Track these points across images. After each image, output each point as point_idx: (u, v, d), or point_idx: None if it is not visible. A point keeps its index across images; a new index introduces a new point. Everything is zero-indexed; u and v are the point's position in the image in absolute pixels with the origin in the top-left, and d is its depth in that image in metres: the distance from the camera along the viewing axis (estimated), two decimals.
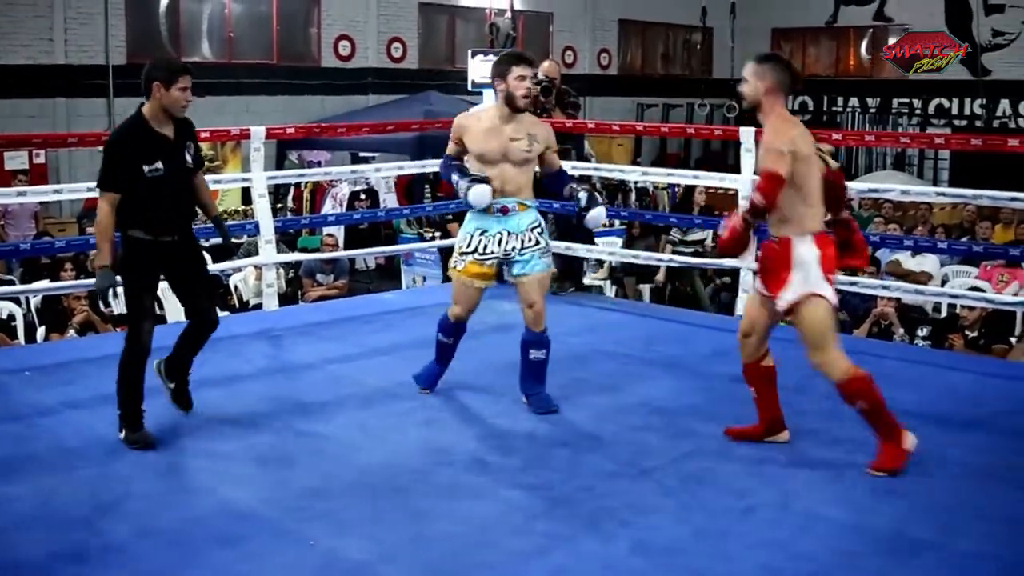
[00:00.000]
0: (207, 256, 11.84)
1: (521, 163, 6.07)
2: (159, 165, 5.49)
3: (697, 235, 11.84)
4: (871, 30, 25.48)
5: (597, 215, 6.15)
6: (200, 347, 5.86)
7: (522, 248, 6.06)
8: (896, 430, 5.29)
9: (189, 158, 5.69)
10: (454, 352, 6.39)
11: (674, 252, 11.14)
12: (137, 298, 5.60)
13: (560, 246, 9.68)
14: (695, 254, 10.77)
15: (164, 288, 5.90)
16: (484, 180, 5.97)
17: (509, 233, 6.06)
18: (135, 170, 5.46)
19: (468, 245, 6.11)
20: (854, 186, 9.92)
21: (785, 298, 5.25)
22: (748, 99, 5.37)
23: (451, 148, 6.26)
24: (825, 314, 5.27)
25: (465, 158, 6.24)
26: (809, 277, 5.22)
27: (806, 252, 5.21)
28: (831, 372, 5.29)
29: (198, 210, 5.97)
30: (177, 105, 5.53)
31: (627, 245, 12.68)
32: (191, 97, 5.59)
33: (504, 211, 6.05)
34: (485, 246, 6.06)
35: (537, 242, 6.10)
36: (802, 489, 5.08)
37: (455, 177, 6.08)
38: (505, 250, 6.05)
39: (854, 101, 25.30)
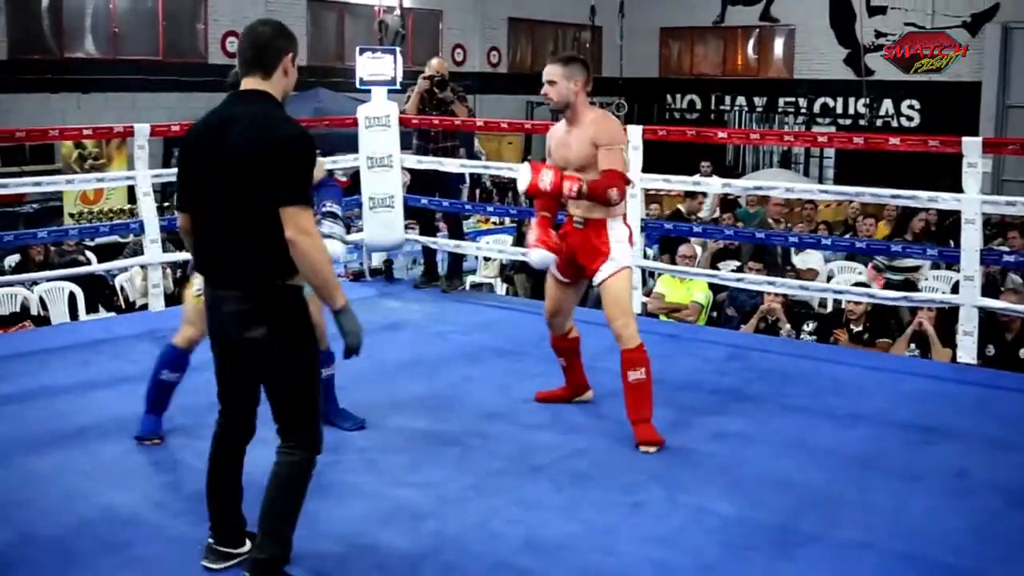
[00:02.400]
0: (92, 256, 11.76)
1: None
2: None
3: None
4: (757, 30, 25.79)
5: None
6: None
7: None
8: (651, 410, 5.65)
9: None
10: (173, 391, 5.61)
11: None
12: (316, 383, 4.10)
13: (449, 244, 9.70)
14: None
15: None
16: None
17: None
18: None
19: None
20: (740, 183, 10.06)
21: (606, 271, 5.70)
22: (559, 100, 5.73)
23: None
24: (630, 284, 5.83)
25: None
26: (625, 252, 5.76)
27: (621, 232, 5.78)
28: (632, 336, 5.67)
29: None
30: (292, 87, 4.10)
31: (517, 243, 12.69)
32: None
33: None
34: None
35: None
36: (691, 484, 5.12)
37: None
38: None
39: (741, 100, 25.59)
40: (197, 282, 5.50)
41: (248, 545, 4.20)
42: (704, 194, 15.03)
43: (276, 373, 3.98)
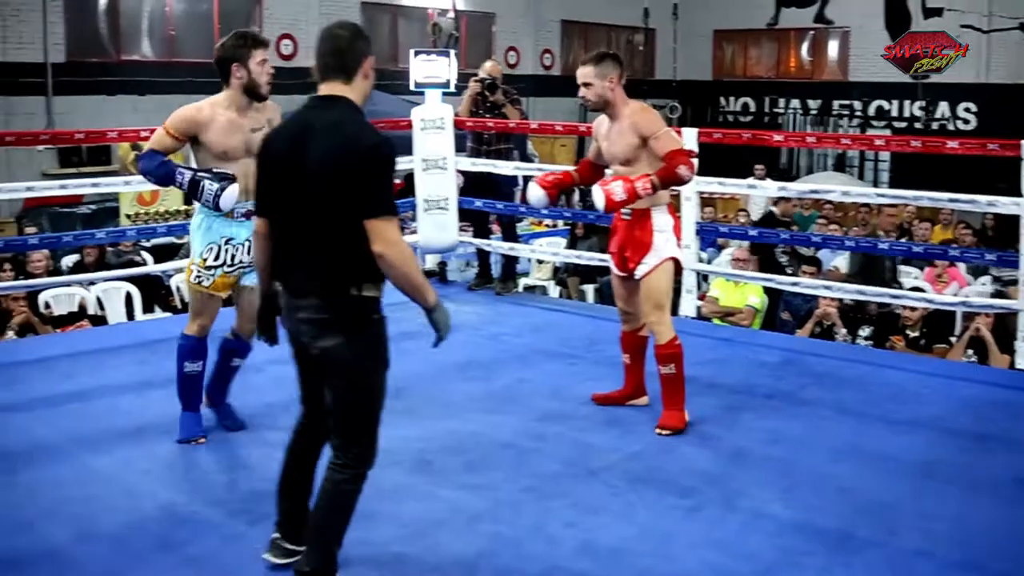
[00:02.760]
0: (149, 257, 11.87)
1: None
2: None
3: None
4: (811, 32, 25.65)
5: (231, 193, 5.33)
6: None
7: None
8: (683, 400, 5.80)
9: None
10: (203, 382, 5.72)
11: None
12: (379, 399, 4.05)
13: (503, 246, 9.70)
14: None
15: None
16: (231, 178, 5.33)
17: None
18: None
19: (216, 258, 5.53)
20: (795, 187, 10.00)
21: (647, 265, 5.80)
22: (597, 100, 5.84)
23: (165, 142, 5.47)
24: (671, 277, 5.88)
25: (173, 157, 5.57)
26: (668, 243, 5.84)
27: (664, 221, 5.85)
28: (664, 332, 5.80)
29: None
30: (370, 91, 4.16)
31: (571, 245, 12.70)
32: None
33: (249, 215, 5.30)
34: (233, 256, 5.54)
35: None
36: (747, 488, 5.10)
37: (186, 176, 5.37)
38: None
39: (795, 103, 25.45)
40: (195, 269, 5.56)
41: None
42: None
43: (340, 383, 3.96)
